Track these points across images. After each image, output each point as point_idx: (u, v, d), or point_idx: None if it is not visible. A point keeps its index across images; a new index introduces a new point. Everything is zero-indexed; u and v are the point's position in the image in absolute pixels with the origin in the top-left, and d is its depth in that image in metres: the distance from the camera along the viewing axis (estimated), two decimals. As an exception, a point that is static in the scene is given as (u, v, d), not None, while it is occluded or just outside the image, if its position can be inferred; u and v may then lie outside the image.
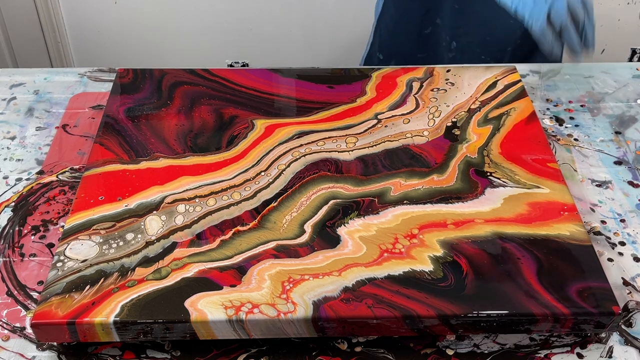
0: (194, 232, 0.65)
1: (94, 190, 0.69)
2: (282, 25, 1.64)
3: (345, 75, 0.86)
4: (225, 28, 1.65)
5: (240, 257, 0.62)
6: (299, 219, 0.66)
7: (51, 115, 0.86)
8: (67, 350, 0.61)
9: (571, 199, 0.69)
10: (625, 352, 0.61)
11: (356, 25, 1.58)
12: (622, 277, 0.67)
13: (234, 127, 0.77)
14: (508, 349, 0.62)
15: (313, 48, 1.70)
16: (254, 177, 0.71)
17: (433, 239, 0.64)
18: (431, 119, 0.79)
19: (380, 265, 0.61)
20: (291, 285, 0.59)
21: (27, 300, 0.65)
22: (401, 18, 1.13)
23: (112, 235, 0.64)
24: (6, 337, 0.62)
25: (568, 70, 0.95)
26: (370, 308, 0.58)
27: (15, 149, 0.81)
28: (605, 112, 0.88)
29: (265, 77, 0.85)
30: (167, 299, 0.58)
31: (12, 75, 0.93)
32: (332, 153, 0.74)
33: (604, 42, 1.68)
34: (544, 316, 0.58)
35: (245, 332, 0.58)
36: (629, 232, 0.72)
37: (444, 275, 0.61)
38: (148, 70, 0.85)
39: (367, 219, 0.66)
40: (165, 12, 1.61)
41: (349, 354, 0.61)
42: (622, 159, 0.81)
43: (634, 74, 0.94)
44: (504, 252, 0.63)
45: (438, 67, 0.86)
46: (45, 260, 0.68)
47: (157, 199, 0.68)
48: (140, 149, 0.74)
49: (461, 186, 0.70)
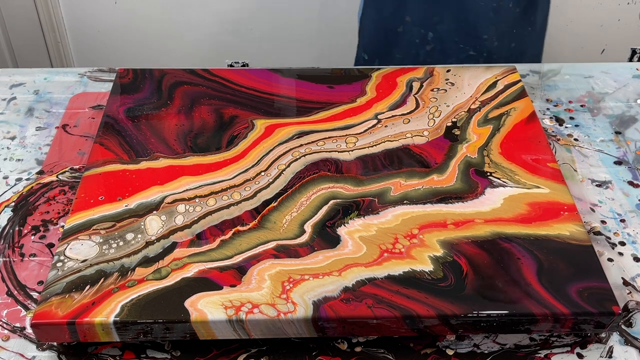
0: (194, 232, 0.65)
1: (94, 190, 0.69)
2: (282, 25, 1.64)
3: (345, 75, 0.86)
4: (225, 28, 1.64)
5: (240, 257, 0.62)
6: (299, 219, 0.66)
7: (51, 115, 0.86)
8: (67, 350, 0.61)
9: (571, 199, 0.69)
10: (625, 352, 0.61)
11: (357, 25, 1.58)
12: (622, 277, 0.67)
13: (234, 127, 0.77)
14: (508, 349, 0.62)
15: (313, 48, 1.70)
16: (254, 177, 0.71)
17: (433, 239, 0.64)
18: (431, 119, 0.79)
19: (380, 265, 0.61)
20: (291, 285, 0.59)
21: (27, 300, 0.64)
22: (377, 17, 1.14)
23: (112, 235, 0.64)
24: (6, 337, 0.62)
25: (568, 70, 0.95)
26: (370, 308, 0.58)
27: (15, 149, 0.81)
28: (605, 112, 0.88)
29: (265, 77, 0.85)
30: (167, 299, 0.58)
31: (12, 75, 0.93)
32: (332, 153, 0.74)
33: (604, 42, 1.68)
34: (544, 316, 0.58)
35: (245, 332, 0.58)
36: (629, 232, 0.72)
37: (444, 275, 0.61)
38: (148, 70, 0.85)
39: (367, 219, 0.66)
40: (165, 12, 1.61)
41: (349, 354, 0.61)
42: (622, 159, 0.81)
43: (634, 74, 0.94)
44: (504, 252, 0.63)
45: (438, 67, 0.86)
46: (45, 260, 0.68)
47: (157, 199, 0.68)
48: (140, 149, 0.74)
49: (461, 186, 0.70)
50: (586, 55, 1.69)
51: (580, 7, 1.61)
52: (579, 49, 1.69)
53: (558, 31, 1.64)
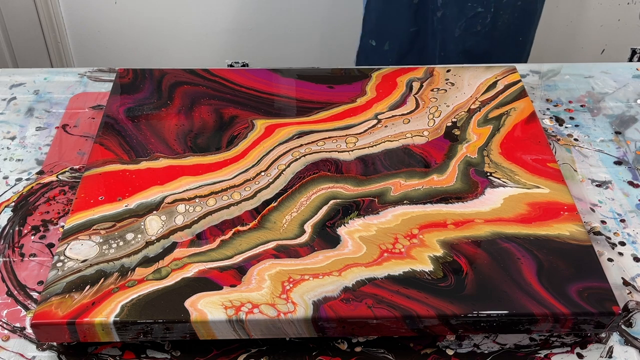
0: (194, 232, 0.65)
1: (94, 190, 0.69)
2: (282, 25, 1.64)
3: (345, 75, 0.86)
4: (225, 28, 1.65)
5: (240, 257, 0.62)
6: (299, 219, 0.66)
7: (51, 115, 0.86)
8: (67, 350, 0.61)
9: (571, 199, 0.69)
10: (625, 352, 0.61)
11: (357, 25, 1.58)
12: (622, 277, 0.67)
13: (234, 127, 0.77)
14: (508, 349, 0.62)
15: (313, 48, 1.70)
16: (254, 177, 0.71)
17: (433, 239, 0.64)
18: (431, 119, 0.79)
19: (380, 265, 0.61)
20: (291, 285, 0.59)
21: (27, 300, 0.64)
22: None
23: (112, 235, 0.64)
24: (6, 337, 0.62)
25: (568, 70, 0.95)
26: (370, 308, 0.58)
27: (15, 149, 0.81)
28: (605, 112, 0.88)
29: (265, 77, 0.85)
30: (167, 299, 0.58)
31: (12, 75, 0.93)
32: (332, 153, 0.74)
33: (604, 42, 1.68)
34: (544, 316, 0.58)
35: (245, 332, 0.58)
36: (629, 232, 0.72)
37: (444, 275, 0.61)
38: (148, 70, 0.85)
39: (367, 219, 0.66)
40: (165, 12, 1.61)
41: (349, 354, 0.61)
42: (622, 159, 0.81)
43: (634, 74, 0.94)
44: (504, 252, 0.63)
45: (438, 67, 0.86)
46: (45, 260, 0.68)
47: (157, 199, 0.68)
48: (140, 149, 0.74)
49: (461, 186, 0.70)
50: (586, 55, 1.69)
51: (580, 7, 1.61)
52: (579, 49, 1.69)
53: (558, 31, 1.64)
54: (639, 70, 0.95)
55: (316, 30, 1.66)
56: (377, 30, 1.20)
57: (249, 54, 1.70)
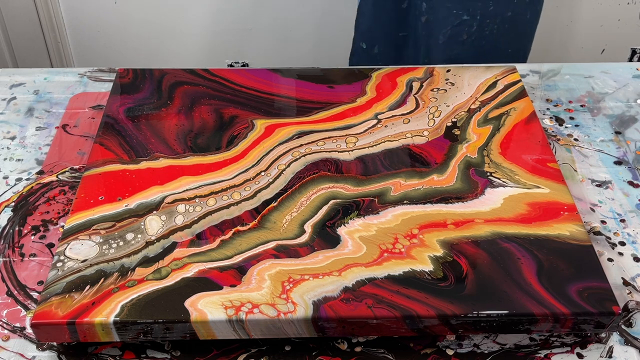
0: (194, 232, 0.65)
1: (94, 190, 0.69)
2: (282, 25, 1.64)
3: (345, 75, 0.86)
4: (225, 28, 1.64)
5: (240, 257, 0.62)
6: (299, 219, 0.66)
7: (51, 115, 0.86)
8: (67, 350, 0.61)
9: (571, 199, 0.69)
10: (625, 352, 0.61)
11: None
12: (622, 277, 0.67)
13: (234, 127, 0.77)
14: (508, 349, 0.62)
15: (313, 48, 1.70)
16: (254, 177, 0.71)
17: (433, 239, 0.64)
18: (431, 119, 0.79)
19: (380, 265, 0.61)
20: (291, 285, 0.59)
21: (27, 300, 0.64)
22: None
23: (112, 235, 0.64)
24: (6, 337, 0.62)
25: (568, 70, 0.95)
26: (370, 308, 0.58)
27: (15, 149, 0.81)
28: (605, 112, 0.88)
29: (265, 77, 0.85)
30: (167, 299, 0.58)
31: (12, 75, 0.93)
32: (332, 153, 0.74)
33: (604, 42, 1.68)
34: (544, 316, 0.58)
35: (245, 332, 0.58)
36: (629, 232, 0.72)
37: (444, 275, 0.61)
38: (148, 70, 0.85)
39: (367, 219, 0.66)
40: (165, 12, 1.61)
41: (349, 354, 0.61)
42: (622, 159, 0.81)
43: (634, 74, 0.94)
44: (504, 252, 0.63)
45: (438, 67, 0.86)
46: (45, 260, 0.68)
47: (157, 199, 0.68)
48: (140, 149, 0.74)
49: (461, 186, 0.70)
50: (586, 55, 1.69)
51: (580, 7, 1.61)
52: (579, 49, 1.69)
53: (558, 31, 1.64)
54: (639, 70, 0.95)
55: (316, 30, 1.66)
56: (368, 33, 1.19)
57: (249, 54, 1.70)
